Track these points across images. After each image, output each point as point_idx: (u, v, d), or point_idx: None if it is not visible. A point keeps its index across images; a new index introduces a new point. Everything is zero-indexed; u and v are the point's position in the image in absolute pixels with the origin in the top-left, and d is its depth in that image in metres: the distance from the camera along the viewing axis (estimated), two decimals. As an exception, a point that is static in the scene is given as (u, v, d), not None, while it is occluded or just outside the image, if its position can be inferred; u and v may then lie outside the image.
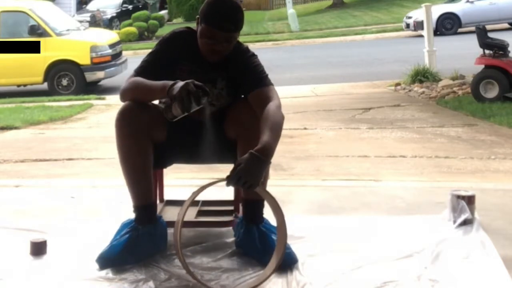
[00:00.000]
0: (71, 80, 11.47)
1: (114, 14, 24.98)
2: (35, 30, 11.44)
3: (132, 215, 2.71)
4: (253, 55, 2.73)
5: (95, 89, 11.77)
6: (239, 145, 2.62)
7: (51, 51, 11.37)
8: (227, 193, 3.03)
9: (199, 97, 2.41)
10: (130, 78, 2.64)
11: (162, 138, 2.68)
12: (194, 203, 3.05)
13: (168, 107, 2.46)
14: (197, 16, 2.63)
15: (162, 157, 2.74)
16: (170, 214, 2.89)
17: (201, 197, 2.49)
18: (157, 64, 2.66)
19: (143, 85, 2.56)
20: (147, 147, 2.61)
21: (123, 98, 2.64)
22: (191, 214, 2.90)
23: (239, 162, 2.30)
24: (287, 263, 2.55)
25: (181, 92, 2.37)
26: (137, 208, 2.67)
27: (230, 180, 2.30)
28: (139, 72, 2.65)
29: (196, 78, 2.58)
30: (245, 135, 2.56)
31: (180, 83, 2.41)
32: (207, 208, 3.00)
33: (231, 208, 2.95)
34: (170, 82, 2.45)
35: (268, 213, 2.76)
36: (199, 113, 2.49)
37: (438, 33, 16.32)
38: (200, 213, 2.94)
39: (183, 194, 3.39)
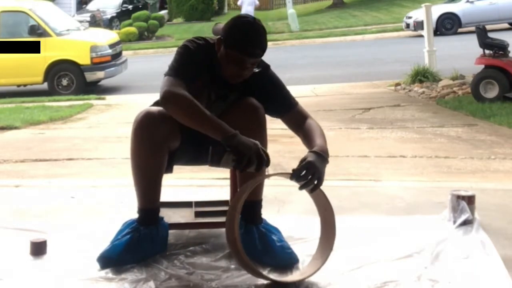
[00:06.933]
0: (71, 80, 11.47)
1: (114, 14, 24.97)
2: (35, 30, 11.44)
3: (133, 215, 2.71)
4: (271, 71, 2.76)
5: (95, 89, 11.76)
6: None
7: (51, 51, 11.37)
8: (225, 193, 3.03)
9: (262, 164, 2.32)
10: (174, 89, 2.43)
11: (176, 146, 2.66)
12: (190, 204, 3.06)
13: (219, 155, 2.36)
14: (219, 37, 2.56)
15: (171, 162, 2.72)
16: (169, 215, 2.89)
17: (198, 198, 2.49)
18: (185, 73, 2.53)
19: (198, 114, 2.40)
20: (163, 158, 2.61)
21: (165, 106, 2.47)
22: (189, 216, 2.91)
23: (305, 157, 2.38)
24: (287, 263, 2.56)
25: (252, 154, 2.31)
26: (142, 211, 2.67)
27: (296, 173, 2.34)
28: (175, 77, 2.49)
29: (210, 92, 2.58)
30: (246, 127, 2.51)
31: (246, 142, 2.32)
32: (205, 209, 2.99)
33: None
34: (231, 131, 2.35)
35: (267, 213, 2.76)
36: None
37: (438, 33, 16.34)
38: (199, 214, 2.94)
39: (183, 194, 3.40)
